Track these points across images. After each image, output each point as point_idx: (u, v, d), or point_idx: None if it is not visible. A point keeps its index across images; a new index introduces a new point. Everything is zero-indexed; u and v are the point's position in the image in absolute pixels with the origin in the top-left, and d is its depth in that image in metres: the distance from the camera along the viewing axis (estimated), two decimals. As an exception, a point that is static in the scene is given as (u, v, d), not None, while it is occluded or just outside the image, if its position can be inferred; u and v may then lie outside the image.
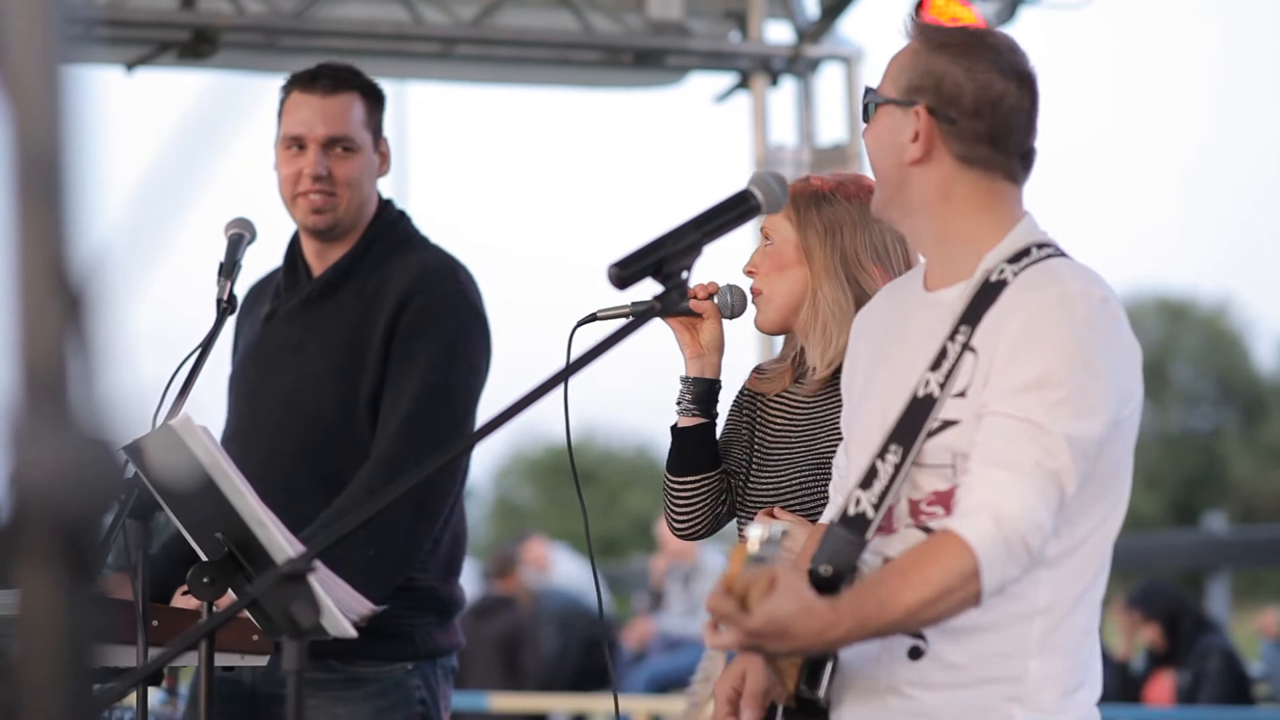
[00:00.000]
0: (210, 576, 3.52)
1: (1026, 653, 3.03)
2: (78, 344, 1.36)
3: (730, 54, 7.94)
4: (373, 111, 4.68)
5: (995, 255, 3.12)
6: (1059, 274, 3.07)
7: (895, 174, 3.20)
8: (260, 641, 3.91)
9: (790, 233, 3.90)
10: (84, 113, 1.39)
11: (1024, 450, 2.93)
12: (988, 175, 3.16)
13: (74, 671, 1.38)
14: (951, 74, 3.15)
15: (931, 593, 2.86)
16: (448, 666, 4.66)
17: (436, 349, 4.49)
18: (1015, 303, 3.05)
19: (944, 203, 3.17)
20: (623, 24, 7.69)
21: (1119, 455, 3.07)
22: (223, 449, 3.46)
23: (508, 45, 7.72)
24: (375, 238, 4.66)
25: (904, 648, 3.06)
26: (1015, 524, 2.89)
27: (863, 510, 3.07)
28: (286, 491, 4.23)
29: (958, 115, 3.14)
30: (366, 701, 4.49)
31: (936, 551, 2.89)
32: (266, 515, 3.39)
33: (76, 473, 1.34)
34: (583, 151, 61.14)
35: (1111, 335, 3.03)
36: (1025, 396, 2.96)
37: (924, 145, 3.16)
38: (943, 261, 3.21)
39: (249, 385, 4.69)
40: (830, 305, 3.86)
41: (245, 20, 7.25)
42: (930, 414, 3.05)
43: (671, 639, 13.39)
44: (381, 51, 7.69)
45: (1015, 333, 3.02)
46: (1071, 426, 2.94)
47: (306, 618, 2.81)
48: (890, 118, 3.20)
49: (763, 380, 4.04)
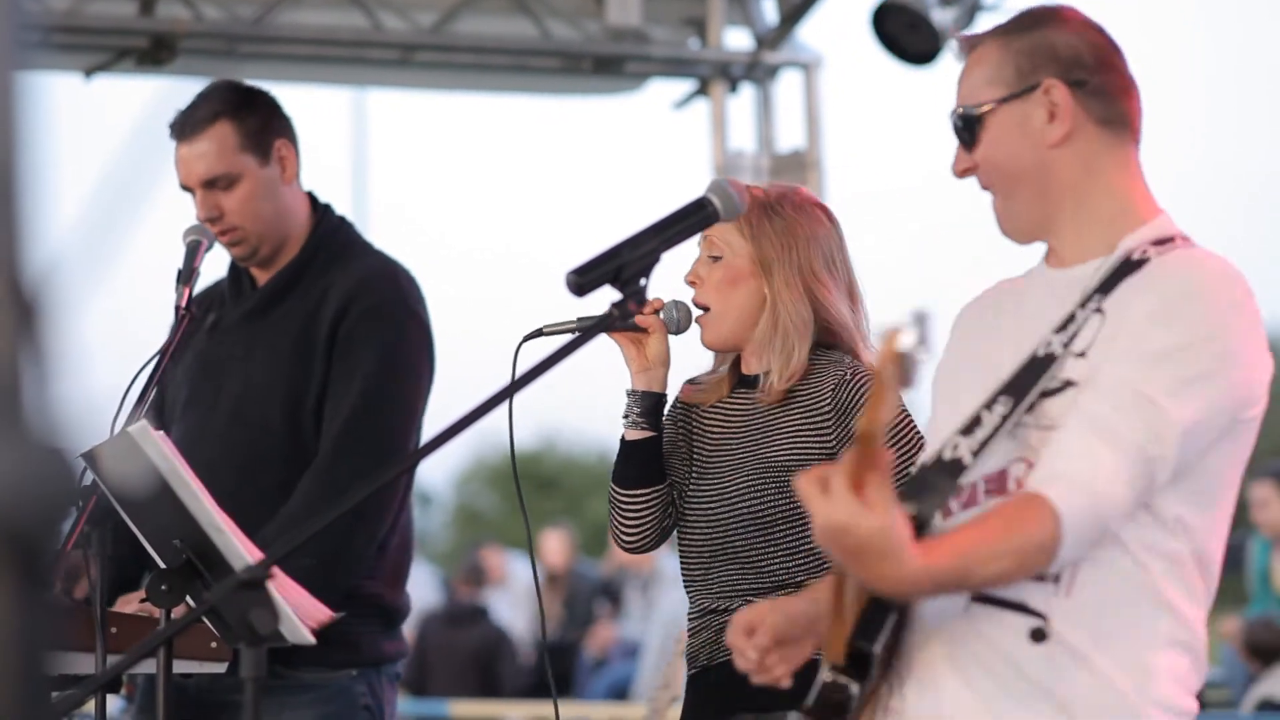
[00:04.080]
0: (168, 583, 3.51)
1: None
2: (31, 352, 1.36)
3: (689, 60, 7.94)
4: (250, 129, 4.53)
5: (1138, 237, 2.97)
6: (1208, 263, 2.92)
7: (1035, 168, 3.00)
8: (218, 648, 3.90)
9: (743, 245, 3.88)
10: (39, 120, 1.39)
11: (1132, 428, 2.78)
12: (1124, 140, 3.03)
13: (30, 680, 1.37)
14: (1060, 39, 3.01)
15: (1017, 563, 2.74)
16: (393, 674, 4.64)
17: (375, 357, 4.45)
18: (1156, 278, 2.89)
19: (1089, 178, 2.99)
20: (582, 31, 7.69)
21: (1226, 462, 2.92)
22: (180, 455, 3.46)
23: (467, 52, 7.71)
24: (317, 246, 4.60)
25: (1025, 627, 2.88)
26: (1107, 507, 2.75)
27: (959, 455, 2.87)
28: (233, 501, 4.21)
29: (1087, 75, 3.00)
30: (311, 708, 4.47)
31: (1025, 516, 2.75)
32: (224, 522, 3.38)
33: (30, 482, 1.34)
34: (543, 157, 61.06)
35: (1255, 328, 2.88)
36: (1151, 367, 2.80)
37: (1066, 118, 2.99)
38: (1078, 239, 3.01)
39: (194, 396, 4.64)
40: (792, 317, 3.85)
41: (204, 27, 7.22)
42: (1049, 371, 2.88)
43: (632, 645, 13.38)
44: (341, 58, 7.68)
45: (1153, 304, 2.85)
46: (1191, 411, 2.79)
47: (265, 624, 2.81)
48: (1008, 116, 3.01)
49: (698, 392, 4.02)
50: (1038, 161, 3.00)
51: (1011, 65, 3.02)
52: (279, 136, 4.58)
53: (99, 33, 7.15)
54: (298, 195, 4.63)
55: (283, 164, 4.57)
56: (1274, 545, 9.85)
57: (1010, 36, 3.05)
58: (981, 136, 3.04)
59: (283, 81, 8.28)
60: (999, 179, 3.04)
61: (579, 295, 3.02)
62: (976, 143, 3.04)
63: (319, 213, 4.67)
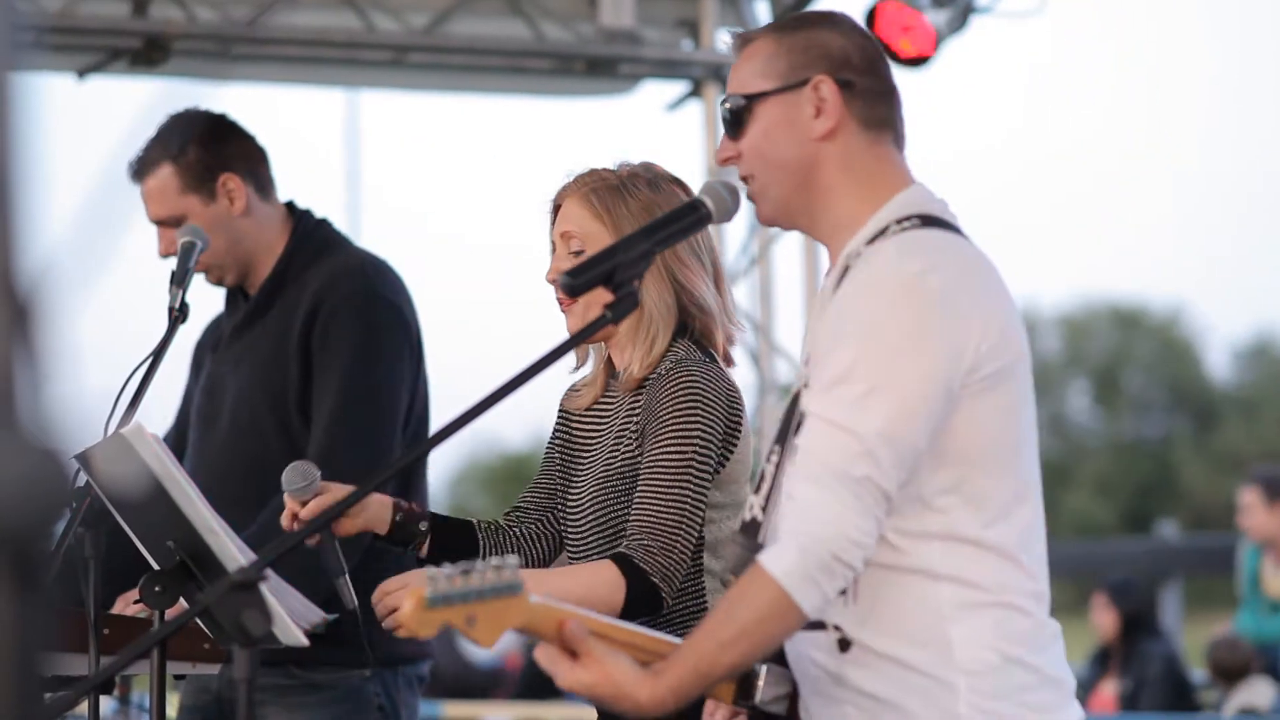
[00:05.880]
0: (162, 585, 3.51)
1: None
2: (25, 354, 1.36)
3: (682, 62, 7.95)
4: (191, 171, 4.62)
5: (858, 239, 3.04)
6: (880, 255, 2.97)
7: (799, 160, 3.08)
8: (212, 650, 3.90)
9: (602, 232, 3.69)
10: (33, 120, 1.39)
11: (829, 459, 2.86)
12: (884, 142, 3.10)
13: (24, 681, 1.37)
14: (832, 40, 3.11)
15: (749, 641, 2.84)
16: (413, 675, 4.64)
17: (351, 348, 4.50)
18: (848, 284, 2.98)
19: (845, 175, 3.07)
20: (575, 32, 7.69)
21: (980, 427, 2.95)
22: (174, 457, 3.46)
23: (460, 53, 7.71)
24: (294, 250, 4.67)
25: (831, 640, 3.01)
26: (825, 545, 2.82)
27: (754, 515, 3.04)
28: (242, 507, 4.22)
29: (854, 76, 3.08)
30: (323, 708, 4.49)
31: (745, 592, 2.85)
32: (218, 523, 3.38)
33: (24, 484, 1.34)
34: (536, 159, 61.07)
35: (926, 309, 2.90)
36: (830, 395, 2.89)
37: (832, 114, 3.06)
38: (835, 243, 3.10)
39: (201, 412, 4.73)
40: (656, 304, 3.70)
41: (197, 28, 7.22)
42: (796, 408, 3.00)
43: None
44: (334, 59, 7.69)
45: (831, 322, 2.96)
46: (877, 419, 2.85)
47: (257, 626, 2.80)
48: (777, 108, 3.09)
49: (573, 397, 3.90)
50: (802, 154, 3.08)
51: (784, 60, 3.11)
52: (224, 171, 4.65)
53: (92, 33, 7.15)
54: (262, 215, 4.70)
55: (230, 197, 4.64)
56: (1263, 550, 9.85)
57: (784, 33, 3.15)
58: (749, 126, 3.11)
59: (276, 83, 8.30)
60: (762, 168, 3.12)
61: (572, 296, 3.02)
62: (743, 132, 3.12)
63: (295, 219, 4.74)
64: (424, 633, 2.71)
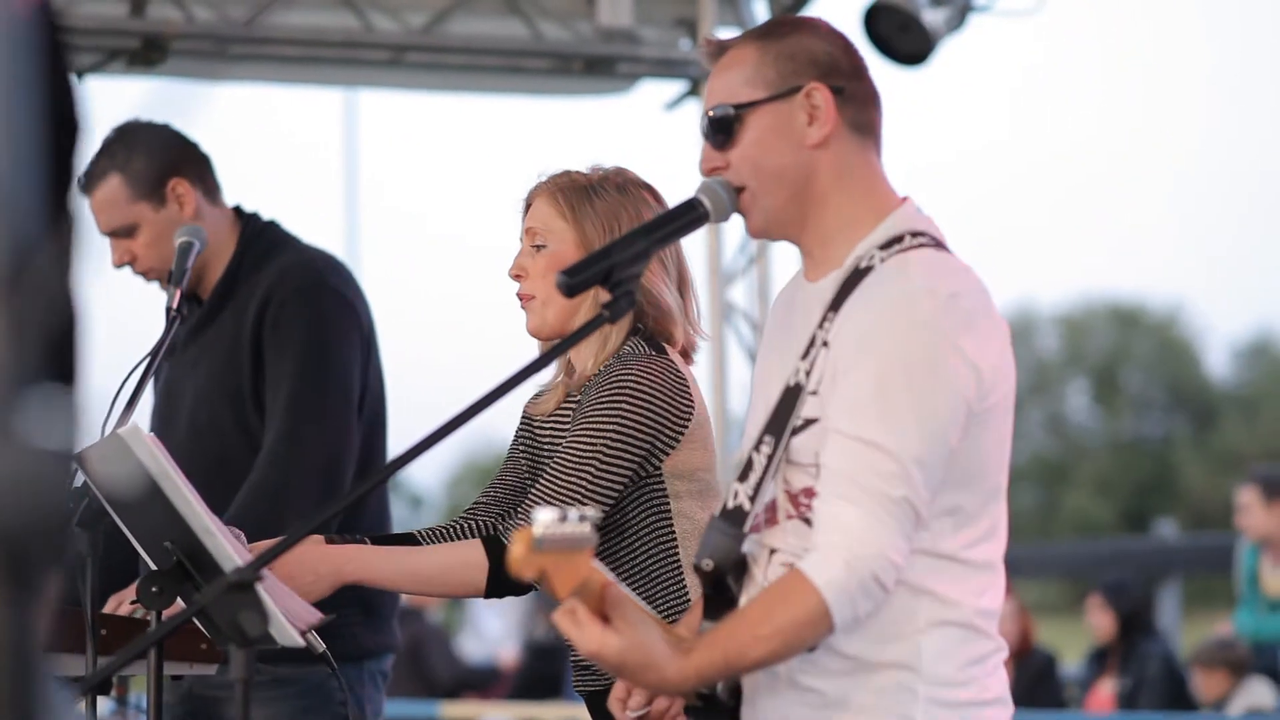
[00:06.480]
0: (159, 585, 3.51)
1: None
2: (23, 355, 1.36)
3: (681, 61, 7.94)
4: (140, 178, 4.65)
5: (868, 242, 3.05)
6: (910, 269, 2.98)
7: (795, 169, 3.07)
8: (209, 650, 3.91)
9: (566, 230, 3.76)
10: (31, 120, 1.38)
11: (865, 480, 2.88)
12: (869, 146, 3.11)
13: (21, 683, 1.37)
14: (817, 45, 3.10)
15: (782, 641, 2.88)
16: (375, 670, 4.65)
17: (303, 332, 4.54)
18: (868, 295, 2.98)
19: (840, 181, 3.08)
20: (573, 32, 7.69)
21: (981, 451, 2.99)
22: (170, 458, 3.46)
23: (458, 53, 7.70)
24: (244, 252, 4.70)
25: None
26: (867, 564, 2.86)
27: (740, 503, 3.04)
28: None
29: (844, 81, 3.09)
30: (287, 702, 4.51)
31: (787, 595, 2.88)
32: (215, 524, 3.38)
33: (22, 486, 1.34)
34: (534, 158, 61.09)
35: (959, 331, 2.93)
36: (862, 411, 2.91)
37: (827, 121, 3.06)
38: (824, 250, 3.11)
39: (158, 416, 4.78)
40: None
41: (195, 28, 7.21)
42: (795, 408, 3.01)
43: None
44: (332, 59, 7.68)
45: (859, 333, 2.95)
46: (913, 442, 2.89)
47: (254, 627, 2.80)
48: (769, 117, 3.08)
49: (536, 403, 3.93)
50: (797, 162, 3.08)
51: (772, 68, 3.09)
52: (172, 176, 4.67)
53: (90, 34, 7.14)
54: (212, 219, 4.71)
55: (180, 202, 4.66)
56: (1262, 549, 9.85)
57: (767, 41, 3.13)
58: (740, 136, 3.10)
59: (274, 83, 8.30)
60: (757, 178, 3.10)
61: (570, 296, 3.01)
62: (732, 142, 3.10)
63: (243, 221, 4.78)
64: (527, 574, 2.75)
